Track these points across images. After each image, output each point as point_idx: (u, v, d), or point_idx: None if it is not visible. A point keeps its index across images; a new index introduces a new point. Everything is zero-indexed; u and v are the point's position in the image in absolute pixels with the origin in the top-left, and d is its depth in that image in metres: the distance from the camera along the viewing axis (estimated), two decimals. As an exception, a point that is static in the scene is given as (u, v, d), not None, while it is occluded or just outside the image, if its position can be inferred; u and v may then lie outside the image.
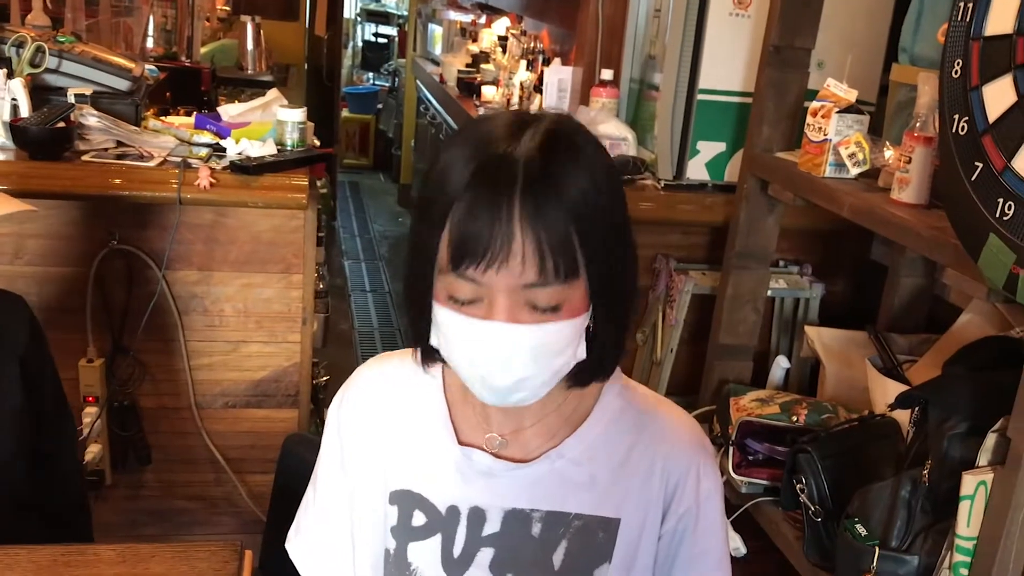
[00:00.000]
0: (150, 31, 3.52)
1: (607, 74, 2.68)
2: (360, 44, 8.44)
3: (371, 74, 8.24)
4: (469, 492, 0.98)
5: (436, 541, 0.98)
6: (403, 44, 7.34)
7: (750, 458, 2.08)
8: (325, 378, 2.60)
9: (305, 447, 1.48)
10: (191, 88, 3.27)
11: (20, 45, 2.11)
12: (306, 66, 5.85)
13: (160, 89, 2.88)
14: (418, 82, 6.10)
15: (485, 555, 0.97)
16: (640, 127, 2.70)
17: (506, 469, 0.97)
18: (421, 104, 5.95)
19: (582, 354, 0.90)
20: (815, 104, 1.97)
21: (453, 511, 0.98)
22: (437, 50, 5.80)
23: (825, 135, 1.93)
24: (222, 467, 2.32)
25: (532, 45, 3.81)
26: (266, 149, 2.16)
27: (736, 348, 2.36)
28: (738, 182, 2.29)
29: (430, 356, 0.95)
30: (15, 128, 2.00)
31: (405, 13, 7.90)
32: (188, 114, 2.62)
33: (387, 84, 7.93)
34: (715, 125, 2.41)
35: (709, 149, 2.43)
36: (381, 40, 8.28)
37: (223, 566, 1.28)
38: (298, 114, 2.24)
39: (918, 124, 1.71)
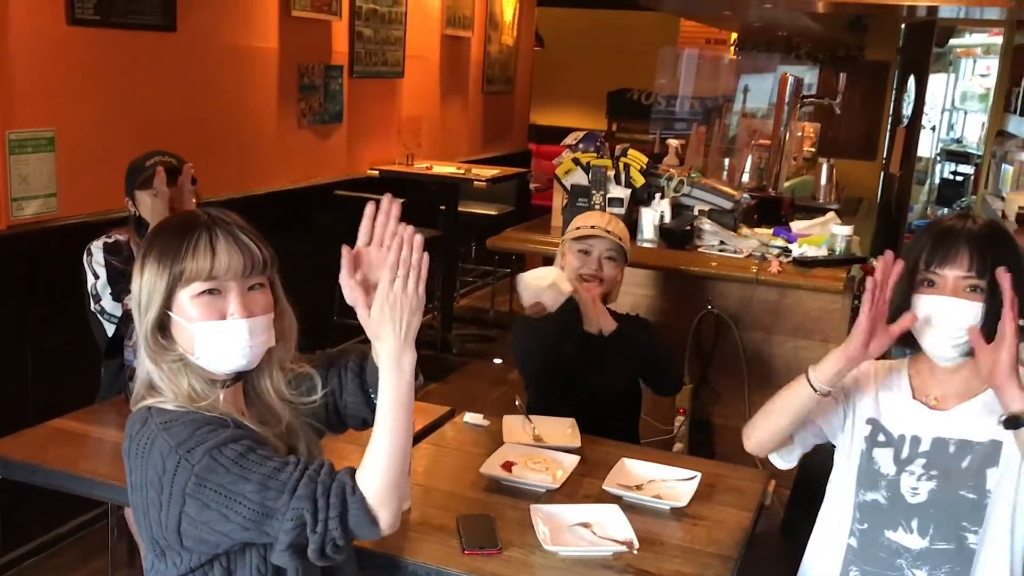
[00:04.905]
0: (747, 168, 4.70)
1: None
2: (937, 181, 8.91)
3: (944, 210, 8.65)
4: (912, 426, 1.72)
5: (890, 450, 1.74)
6: (977, 182, 7.70)
7: None
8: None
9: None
10: (773, 211, 4.31)
11: (670, 178, 3.33)
12: (877, 200, 6.62)
13: (750, 210, 3.96)
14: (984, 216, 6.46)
15: (920, 459, 1.71)
16: None
17: (935, 415, 1.70)
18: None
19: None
20: None
21: (901, 437, 1.73)
22: (1006, 188, 6.16)
23: None
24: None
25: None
26: (820, 252, 3.07)
27: None
28: None
29: (909, 342, 1.71)
30: (662, 229, 3.19)
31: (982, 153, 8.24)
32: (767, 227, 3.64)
33: (960, 219, 8.26)
34: None
35: None
36: (958, 178, 8.67)
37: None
38: (846, 229, 3.12)
39: None
